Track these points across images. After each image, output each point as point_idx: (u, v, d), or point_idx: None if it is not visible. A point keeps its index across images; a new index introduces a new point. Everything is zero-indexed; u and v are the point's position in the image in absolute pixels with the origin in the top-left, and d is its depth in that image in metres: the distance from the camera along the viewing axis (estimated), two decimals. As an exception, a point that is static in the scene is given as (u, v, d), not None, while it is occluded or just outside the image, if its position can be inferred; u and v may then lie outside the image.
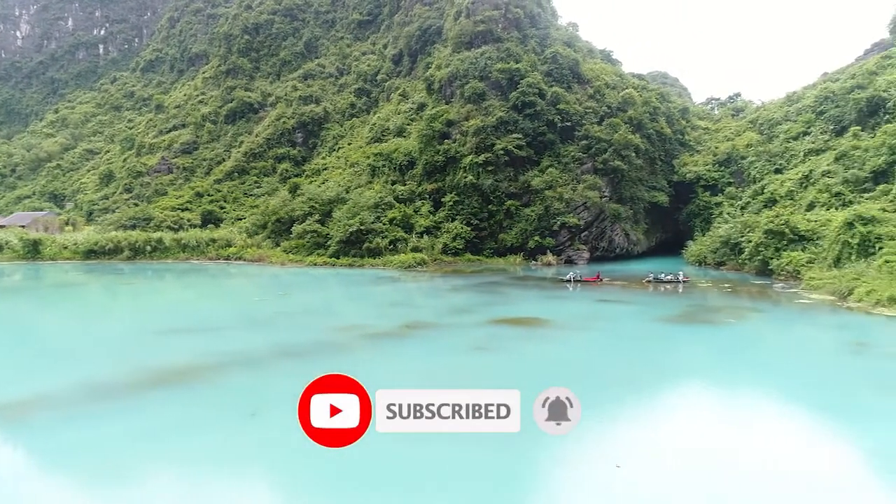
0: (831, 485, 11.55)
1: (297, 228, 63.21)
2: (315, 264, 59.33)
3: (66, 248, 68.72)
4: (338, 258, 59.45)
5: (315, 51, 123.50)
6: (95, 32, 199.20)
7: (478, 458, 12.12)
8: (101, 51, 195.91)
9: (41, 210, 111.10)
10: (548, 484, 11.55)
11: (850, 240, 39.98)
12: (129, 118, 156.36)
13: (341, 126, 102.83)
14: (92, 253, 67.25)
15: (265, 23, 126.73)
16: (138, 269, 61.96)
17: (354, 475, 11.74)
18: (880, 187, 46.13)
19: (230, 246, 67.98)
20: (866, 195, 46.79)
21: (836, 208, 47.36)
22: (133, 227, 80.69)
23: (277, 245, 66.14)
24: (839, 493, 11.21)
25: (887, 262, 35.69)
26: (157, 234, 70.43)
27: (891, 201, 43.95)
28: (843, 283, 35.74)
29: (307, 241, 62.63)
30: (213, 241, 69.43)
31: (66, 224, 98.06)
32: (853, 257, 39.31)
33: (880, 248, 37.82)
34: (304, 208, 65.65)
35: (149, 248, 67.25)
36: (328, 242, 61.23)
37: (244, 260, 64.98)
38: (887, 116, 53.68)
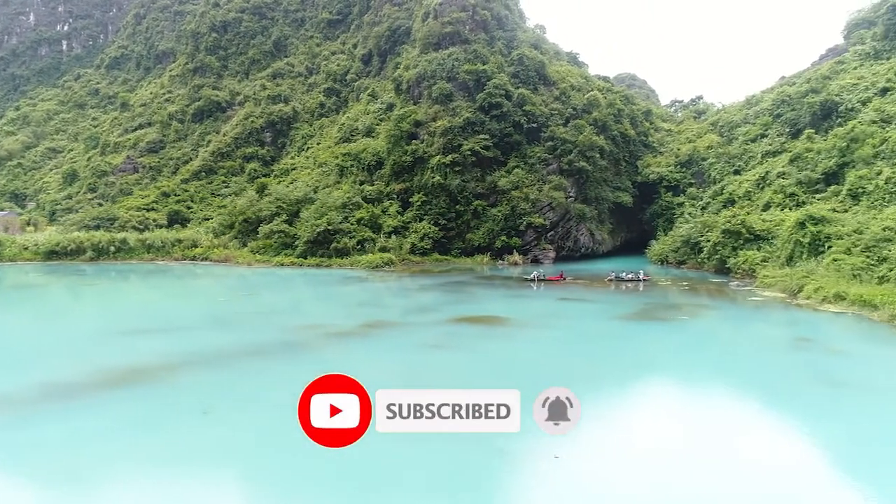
0: (774, 474, 12.25)
1: (264, 228, 62.99)
2: (282, 264, 59.20)
3: (26, 248, 67.38)
4: (305, 258, 59.43)
5: (284, 50, 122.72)
6: (58, 28, 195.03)
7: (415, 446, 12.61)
8: (64, 47, 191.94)
9: (1, 210, 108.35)
10: (490, 474, 12.04)
11: (801, 239, 41.46)
12: (94, 116, 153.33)
13: (310, 126, 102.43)
14: (53, 254, 66.05)
15: (233, 21, 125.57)
16: (101, 270, 61.11)
17: (292, 470, 12.11)
18: (831, 188, 47.80)
19: (196, 246, 67.34)
20: (818, 196, 48.44)
21: (790, 208, 48.93)
22: (97, 227, 79.32)
23: (244, 245, 65.79)
24: (780, 483, 11.89)
25: (835, 260, 37.15)
26: (122, 235, 69.49)
27: (840, 202, 45.63)
28: (794, 280, 37.13)
29: (274, 242, 62.48)
30: (179, 241, 68.72)
31: (28, 224, 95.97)
32: (804, 256, 40.78)
33: (829, 247, 39.28)
34: (271, 208, 65.45)
35: (112, 248, 66.33)
36: (296, 243, 61.17)
37: (210, 260, 64.49)
38: (839, 120, 55.56)
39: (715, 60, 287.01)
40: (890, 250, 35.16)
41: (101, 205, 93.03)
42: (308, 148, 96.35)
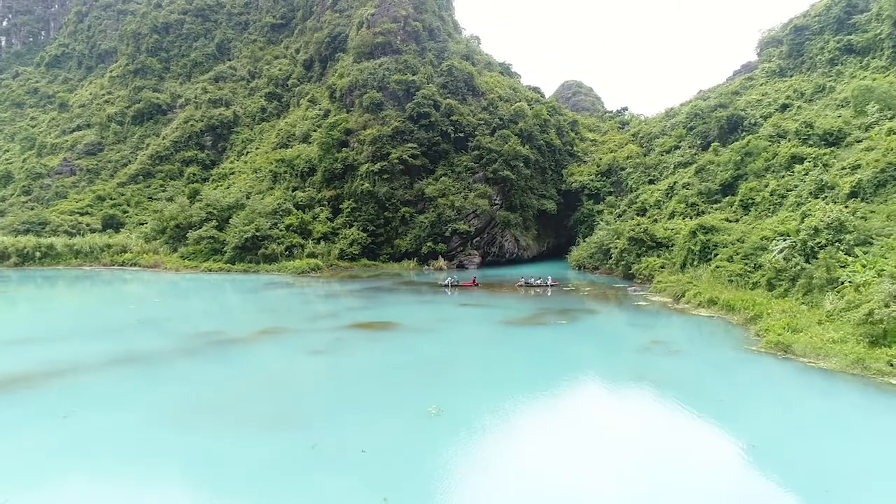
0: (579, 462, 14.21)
1: (192, 234, 63.51)
2: (210, 270, 59.90)
3: (-53, 254, 66.35)
4: (233, 264, 60.29)
5: (227, 53, 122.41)
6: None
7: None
8: (2, 43, 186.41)
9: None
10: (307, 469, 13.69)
11: (693, 247, 44.51)
12: (32, 116, 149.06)
13: (251, 130, 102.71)
14: (-26, 259, 65.29)
15: (175, 22, 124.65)
16: (26, 276, 60.65)
17: (129, 465, 13.57)
18: (726, 199, 51.22)
19: (126, 252, 67.37)
20: (715, 206, 51.82)
21: (692, 217, 52.16)
22: (26, 231, 78.19)
23: (175, 251, 66.12)
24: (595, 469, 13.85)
25: (717, 267, 40.16)
26: (48, 240, 68.91)
27: (734, 212, 48.98)
28: (679, 286, 40.05)
29: (204, 247, 63.05)
30: (109, 246, 68.61)
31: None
32: (695, 263, 43.83)
33: (716, 255, 42.40)
34: (201, 214, 65.94)
35: (38, 254, 65.82)
36: (225, 248, 61.92)
37: (139, 266, 64.69)
38: (744, 134, 59.27)
39: (661, 71, 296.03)
40: (765, 258, 38.26)
41: (32, 208, 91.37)
42: (248, 153, 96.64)
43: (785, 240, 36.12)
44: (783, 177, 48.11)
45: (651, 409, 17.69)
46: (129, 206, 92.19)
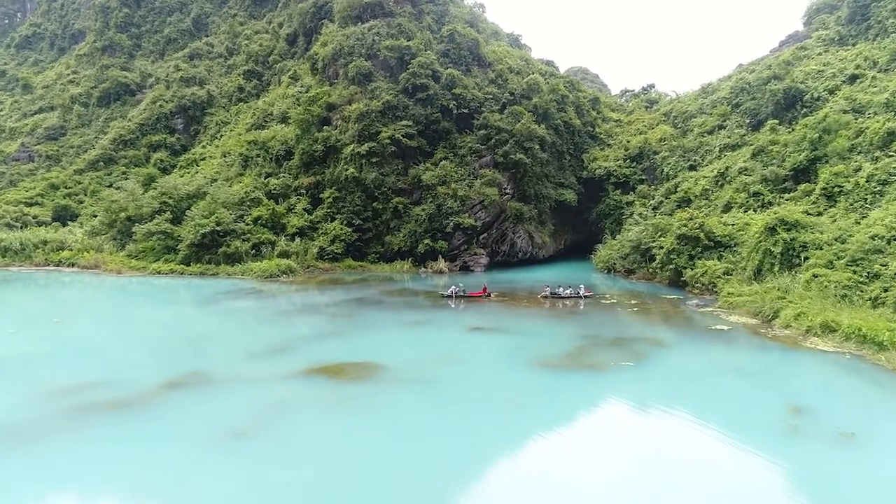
0: None
1: (140, 229, 52.61)
2: (159, 272, 49.24)
3: None
4: (188, 265, 49.68)
5: (204, 29, 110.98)
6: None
7: None
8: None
9: None
10: None
11: (772, 248, 34.19)
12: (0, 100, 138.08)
13: (227, 112, 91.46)
14: None
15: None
16: (-62, 278, 49.87)
17: None
18: (802, 187, 40.69)
19: (63, 249, 56.55)
20: (786, 195, 41.42)
21: (755, 210, 41.95)
22: (-40, 224, 67.34)
23: (123, 248, 55.37)
24: None
25: (815, 276, 29.80)
26: (-31, 236, 58.08)
27: (813, 203, 38.56)
28: (767, 302, 29.69)
29: (154, 244, 52.35)
30: (45, 243, 57.74)
31: None
32: (776, 269, 33.50)
33: (806, 259, 32.05)
34: (154, 204, 55.05)
35: (-44, 251, 55.04)
36: (179, 246, 51.18)
37: (78, 266, 53.92)
38: (804, 109, 49.09)
39: (669, 52, 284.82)
40: (884, 265, 27.89)
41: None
42: (222, 136, 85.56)
43: (923, 241, 25.85)
44: (877, 158, 37.75)
45: None
46: (85, 195, 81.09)
